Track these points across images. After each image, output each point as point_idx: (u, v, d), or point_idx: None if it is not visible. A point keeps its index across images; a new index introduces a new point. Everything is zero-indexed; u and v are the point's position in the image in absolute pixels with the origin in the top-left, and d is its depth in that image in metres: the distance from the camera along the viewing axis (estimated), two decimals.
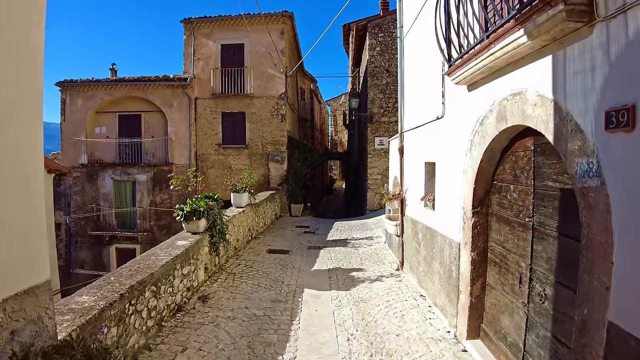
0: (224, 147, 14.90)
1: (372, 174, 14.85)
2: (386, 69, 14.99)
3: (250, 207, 9.35)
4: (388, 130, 14.82)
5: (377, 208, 14.72)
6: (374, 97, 14.93)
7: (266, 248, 8.50)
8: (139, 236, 15.13)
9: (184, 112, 15.16)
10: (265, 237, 9.78)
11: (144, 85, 15.30)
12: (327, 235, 10.47)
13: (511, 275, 3.26)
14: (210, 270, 6.25)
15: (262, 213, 10.60)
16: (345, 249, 8.50)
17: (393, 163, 7.79)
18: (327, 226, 12.21)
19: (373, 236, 9.80)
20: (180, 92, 15.13)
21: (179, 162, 15.13)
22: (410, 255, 6.02)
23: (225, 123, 14.95)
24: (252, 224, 9.50)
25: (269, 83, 14.62)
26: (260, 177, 14.56)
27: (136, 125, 15.84)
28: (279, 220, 13.18)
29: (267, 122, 14.58)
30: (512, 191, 3.26)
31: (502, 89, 3.08)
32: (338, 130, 37.31)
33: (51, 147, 22.52)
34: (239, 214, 8.24)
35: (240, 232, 8.36)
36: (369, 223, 12.35)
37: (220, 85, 14.95)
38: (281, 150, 14.49)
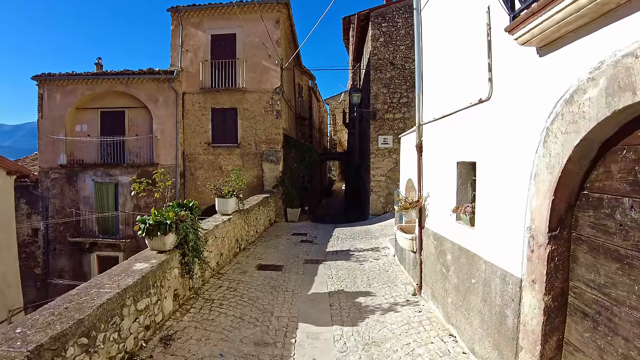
0: (213, 146, 13.66)
1: (375, 176, 13.64)
2: (390, 62, 13.78)
3: (239, 214, 8.11)
4: (393, 127, 13.61)
5: (381, 212, 13.51)
6: (378, 92, 13.72)
7: (256, 263, 7.26)
8: (122, 243, 13.88)
9: (170, 108, 13.91)
10: (256, 248, 8.53)
11: (127, 80, 14.05)
12: (327, 244, 9.24)
13: (623, 341, 2.03)
14: (181, 297, 5.01)
15: (253, 220, 9.36)
16: (348, 263, 7.26)
17: (406, 163, 6.56)
18: (326, 233, 10.98)
19: (379, 247, 8.57)
20: (167, 86, 13.89)
21: (164, 163, 13.88)
22: (433, 279, 4.79)
23: (216, 120, 13.71)
24: (241, 234, 8.26)
25: (263, 76, 13.39)
26: (254, 179, 13.32)
27: (119, 123, 14.59)
28: (274, 226, 11.94)
29: (260, 119, 13.34)
30: (626, 208, 2.03)
31: (621, 39, 1.85)
32: (337, 129, 36.10)
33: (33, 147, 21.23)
34: (224, 223, 7.00)
35: (225, 245, 7.12)
36: (372, 230, 11.12)
37: (210, 79, 13.71)
38: (276, 149, 13.26)
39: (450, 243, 4.14)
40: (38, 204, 15.07)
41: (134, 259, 4.57)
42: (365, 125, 15.36)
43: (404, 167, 6.74)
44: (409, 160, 6.10)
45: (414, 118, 14.22)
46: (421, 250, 5.24)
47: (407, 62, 13.74)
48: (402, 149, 7.00)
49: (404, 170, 6.65)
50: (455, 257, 4.00)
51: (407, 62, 13.74)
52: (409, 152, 6.20)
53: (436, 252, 4.64)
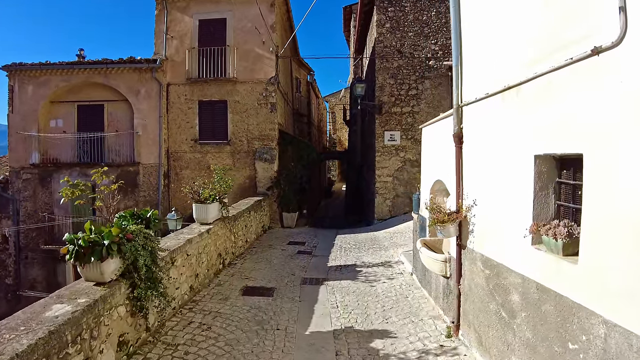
0: (201, 142, 12.25)
1: (380, 176, 12.26)
2: (398, 50, 12.41)
3: (222, 223, 6.72)
4: (400, 122, 12.24)
5: (387, 216, 12.14)
6: (384, 83, 12.34)
7: (241, 284, 5.87)
8: None
9: (153, 101, 12.50)
10: (244, 263, 7.14)
11: (106, 70, 12.64)
12: (328, 257, 7.85)
13: None
14: (132, 343, 3.63)
15: (241, 229, 7.97)
16: (355, 284, 5.87)
17: (432, 160, 5.17)
18: (327, 241, 9.59)
19: (391, 261, 7.19)
20: (149, 76, 12.48)
21: (146, 162, 12.48)
22: (481, 320, 3.41)
23: (203, 114, 12.31)
24: (225, 246, 6.87)
25: (256, 65, 12.00)
26: (245, 180, 11.93)
27: (98, 118, 13.18)
28: (268, 234, 10.54)
29: (253, 113, 11.94)
30: None
31: None
32: (337, 128, 34.72)
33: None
34: (200, 235, 5.60)
35: (203, 263, 5.73)
36: (379, 238, 9.74)
37: (198, 69, 12.31)
38: (271, 146, 11.85)
39: (520, 277, 2.75)
40: (8, 207, 13.65)
41: (55, 297, 3.18)
42: (369, 121, 13.98)
43: (428, 165, 5.35)
44: (438, 156, 4.72)
45: (424, 112, 12.94)
46: (460, 278, 3.86)
47: (416, 50, 12.38)
48: (425, 143, 5.61)
49: (429, 170, 5.26)
50: (531, 301, 2.61)
51: (416, 50, 12.38)
52: (436, 145, 4.82)
53: (488, 285, 3.25)
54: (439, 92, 12.24)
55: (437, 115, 12.26)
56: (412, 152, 12.14)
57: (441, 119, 4.62)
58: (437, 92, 12.24)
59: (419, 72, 12.31)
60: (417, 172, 12.21)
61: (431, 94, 12.24)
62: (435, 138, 4.85)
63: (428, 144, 5.32)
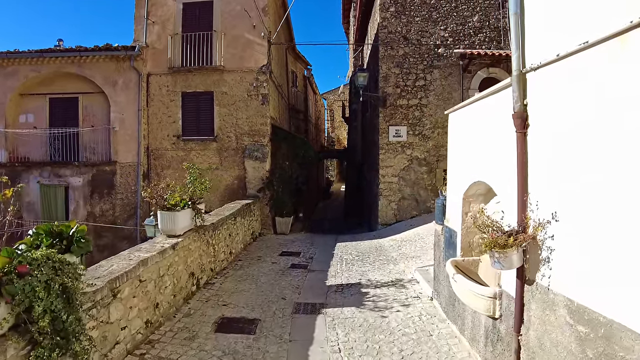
0: (184, 139, 10.98)
1: (385, 176, 11.02)
2: (403, 36, 11.19)
3: (196, 234, 5.46)
4: (407, 117, 11.01)
5: (393, 221, 10.91)
6: (388, 73, 11.11)
7: (217, 314, 4.62)
8: None
9: (131, 93, 11.23)
10: (225, 282, 5.88)
11: (80, 58, 11.36)
12: (328, 272, 6.61)
13: None
14: None
15: (223, 239, 6.71)
16: (362, 313, 4.63)
17: (465, 154, 3.92)
18: (325, 251, 8.36)
19: (403, 279, 5.94)
20: (127, 66, 11.20)
21: (124, 160, 11.21)
22: None
23: (187, 107, 11.04)
24: (201, 263, 5.61)
25: (245, 52, 10.74)
26: (234, 181, 10.67)
27: (72, 112, 11.90)
28: (258, 242, 9.29)
29: (242, 106, 10.68)
30: None
31: None
32: (335, 126, 33.51)
33: None
34: (161, 253, 4.34)
35: (166, 288, 4.48)
36: (385, 247, 8.51)
37: (181, 56, 11.05)
38: (262, 143, 10.59)
39: None
40: None
41: None
42: (372, 115, 12.75)
43: (459, 162, 4.08)
44: (477, 150, 3.47)
45: (432, 105, 11.65)
46: (521, 325, 2.62)
47: (423, 36, 11.16)
48: (453, 133, 4.34)
49: (461, 168, 4.00)
50: None
51: (423, 36, 11.16)
52: (474, 135, 3.58)
53: (584, 350, 2.01)
54: (449, 83, 11.03)
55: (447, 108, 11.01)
56: (420, 149, 10.92)
57: (480, 99, 3.38)
58: (447, 83, 11.03)
59: (427, 60, 11.10)
60: (425, 172, 11.02)
61: (440, 85, 11.02)
62: (472, 125, 3.61)
63: (459, 134, 4.07)
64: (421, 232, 8.89)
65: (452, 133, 4.27)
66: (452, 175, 4.21)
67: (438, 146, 10.91)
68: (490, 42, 11.26)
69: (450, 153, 4.34)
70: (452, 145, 4.29)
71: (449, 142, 4.44)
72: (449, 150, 4.37)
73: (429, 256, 6.87)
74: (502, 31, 11.31)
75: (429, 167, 10.92)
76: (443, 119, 11.01)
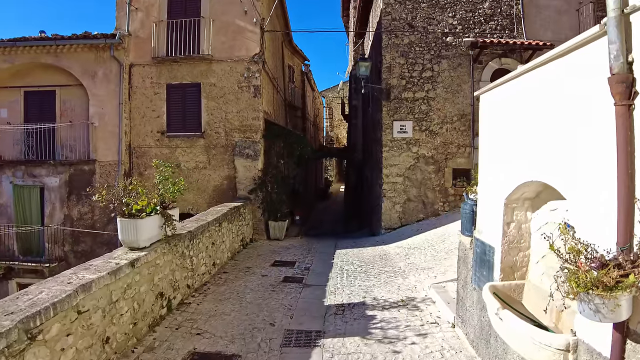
0: (169, 135, 10.03)
1: (389, 176, 10.09)
2: (408, 23, 10.27)
3: (167, 246, 4.51)
4: (412, 111, 10.09)
5: (397, 225, 9.99)
6: (392, 63, 10.18)
7: (187, 348, 3.68)
8: (46, 268, 10.18)
9: (112, 85, 10.28)
10: (204, 302, 4.94)
11: (56, 47, 10.41)
12: (326, 287, 5.67)
13: None
14: None
15: (204, 249, 5.75)
16: (368, 347, 3.69)
17: (509, 146, 2.95)
18: (323, 260, 7.43)
19: (416, 298, 5.01)
20: (107, 56, 10.26)
21: (104, 159, 10.26)
22: None
23: (172, 100, 10.10)
24: (173, 279, 4.67)
25: (236, 40, 9.80)
26: (223, 181, 9.73)
27: (49, 106, 10.95)
28: (249, 248, 8.35)
29: (232, 98, 9.73)
30: None
31: None
32: (334, 125, 32.58)
33: None
34: (113, 274, 3.39)
35: (122, 317, 3.53)
36: (391, 255, 7.59)
37: (166, 45, 10.10)
38: (254, 139, 9.64)
39: None
40: None
41: None
42: (374, 110, 11.84)
43: (498, 155, 3.11)
44: (532, 138, 2.52)
45: (440, 98, 10.58)
46: None
47: (430, 24, 10.24)
48: (489, 119, 3.35)
49: (501, 163, 3.03)
50: None
51: (430, 24, 10.24)
52: (524, 119, 2.63)
53: None
54: (458, 75, 10.11)
55: (456, 102, 10.05)
56: (427, 146, 10.00)
57: (537, 67, 2.44)
58: (456, 75, 10.11)
59: (435, 50, 10.18)
60: (433, 171, 10.07)
61: (449, 76, 10.10)
62: (521, 106, 2.67)
63: (498, 120, 3.11)
64: (431, 238, 7.96)
65: (487, 120, 3.32)
66: (487, 173, 3.27)
67: (447, 143, 9.99)
68: (502, 31, 10.35)
69: (483, 145, 3.39)
70: (486, 135, 3.34)
71: (481, 131, 3.49)
72: (482, 142, 3.42)
73: (443, 267, 5.94)
74: (515, 18, 10.39)
75: (437, 166, 9.99)
76: (452, 113, 10.10)
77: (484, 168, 3.33)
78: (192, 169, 9.78)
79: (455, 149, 10.01)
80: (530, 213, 2.98)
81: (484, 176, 3.32)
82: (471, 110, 10.00)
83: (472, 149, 9.93)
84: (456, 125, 10.05)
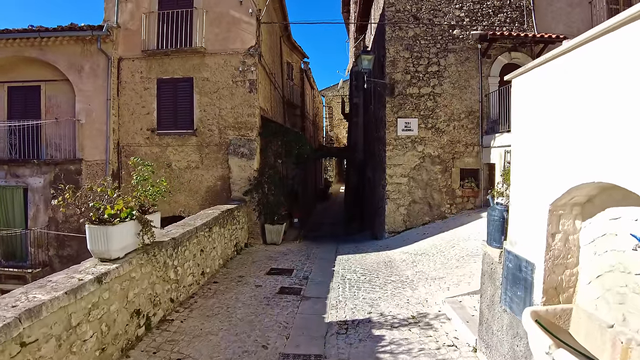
0: (160, 133, 9.46)
1: (393, 176, 9.53)
2: (413, 15, 9.73)
3: (145, 256, 3.94)
4: (418, 107, 9.54)
5: (402, 228, 9.43)
6: (396, 57, 9.63)
7: None
8: (29, 274, 9.59)
9: (100, 80, 9.71)
10: (188, 319, 4.37)
11: (40, 40, 9.82)
12: (327, 300, 5.11)
13: None
14: None
15: (190, 257, 5.18)
16: None
17: (558, 140, 2.38)
18: (323, 268, 6.86)
19: (428, 314, 4.44)
20: (94, 49, 9.69)
21: (91, 158, 9.69)
22: None
23: (163, 96, 9.52)
24: (152, 294, 4.10)
25: (230, 32, 9.23)
26: (217, 182, 9.15)
27: (34, 102, 10.37)
28: (243, 254, 7.77)
29: (227, 94, 9.17)
30: None
31: None
32: (334, 124, 32.04)
33: None
34: (71, 293, 2.82)
35: (86, 342, 2.95)
36: (397, 261, 7.02)
37: (157, 38, 9.53)
38: (249, 137, 9.07)
39: None
40: None
41: None
42: (377, 107, 11.28)
43: (541, 151, 2.51)
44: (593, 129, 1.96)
45: (447, 94, 9.78)
46: None
47: (436, 16, 9.70)
48: (525, 107, 2.73)
49: (546, 161, 2.46)
50: None
51: (436, 16, 9.70)
52: (582, 104, 2.06)
53: None
54: (466, 70, 9.56)
55: (464, 98, 9.47)
56: (434, 145, 9.44)
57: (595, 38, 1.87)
58: (463, 70, 9.56)
59: (441, 43, 9.63)
60: (439, 172, 9.50)
61: (456, 71, 9.55)
62: (578, 90, 2.10)
63: (542, 106, 2.53)
64: (439, 243, 7.40)
65: (523, 108, 2.74)
66: (523, 173, 2.70)
67: (454, 141, 9.44)
68: (511, 24, 9.81)
69: (517, 140, 2.82)
70: (522, 127, 2.77)
71: (514, 123, 2.91)
72: (516, 136, 2.85)
73: (455, 277, 5.38)
74: (526, 11, 9.84)
75: (444, 165, 9.44)
76: (459, 110, 9.55)
77: (518, 167, 2.76)
78: (184, 168, 9.21)
79: (462, 148, 9.45)
80: (580, 222, 2.42)
81: (519, 177, 2.75)
82: (479, 107, 9.47)
83: (481, 147, 9.38)
84: (464, 123, 9.49)
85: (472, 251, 6.30)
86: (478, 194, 9.37)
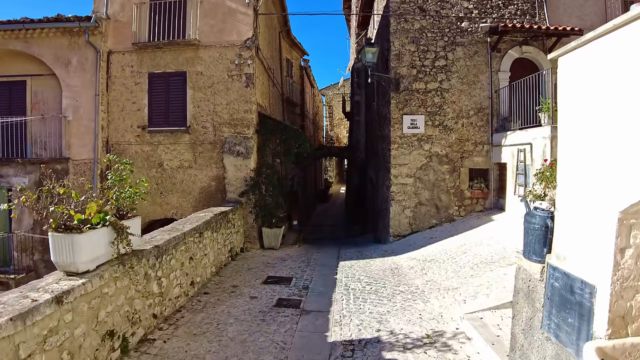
0: (151, 131, 8.93)
1: (398, 177, 9.02)
2: (419, 6, 9.22)
3: (120, 269, 3.42)
4: (425, 103, 9.02)
5: (407, 232, 8.91)
6: (402, 50, 9.12)
7: None
8: (12, 280, 9.05)
9: (88, 75, 9.19)
10: (172, 338, 3.84)
11: (25, 32, 9.30)
12: (329, 314, 4.59)
13: None
14: None
15: (178, 266, 4.66)
16: None
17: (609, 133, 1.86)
18: (325, 275, 6.34)
19: (444, 332, 3.93)
20: (82, 41, 9.16)
21: (78, 157, 9.16)
22: None
23: (155, 91, 9.00)
24: (131, 311, 3.57)
25: (226, 23, 8.71)
26: (211, 182, 8.63)
27: (19, 98, 9.84)
28: (239, 260, 7.25)
29: (222, 89, 8.64)
30: None
31: None
32: (335, 124, 31.51)
33: None
34: (18, 320, 2.29)
35: None
36: (404, 268, 6.50)
37: (149, 29, 9.01)
38: (246, 134, 8.54)
39: None
40: None
41: None
42: (381, 103, 10.76)
43: (602, 147, 2.01)
44: None
45: (455, 90, 9.07)
46: None
47: (443, 7, 9.20)
48: (578, 92, 2.21)
49: (609, 159, 1.95)
50: None
51: (443, 7, 9.20)
52: None
53: None
54: (474, 64, 9.05)
55: (472, 94, 8.89)
56: (441, 143, 8.93)
57: None
58: (472, 64, 9.05)
59: (449, 36, 9.12)
60: (447, 172, 8.97)
61: (465, 65, 9.04)
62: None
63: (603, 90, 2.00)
64: (449, 249, 6.88)
65: (575, 93, 2.22)
66: (577, 173, 2.18)
67: (462, 140, 8.93)
68: (522, 16, 9.30)
69: (567, 132, 2.29)
70: (573, 117, 2.25)
71: (562, 112, 2.38)
72: (565, 128, 2.32)
73: (471, 288, 4.86)
74: (537, 3, 9.34)
75: (452, 165, 8.92)
76: (468, 107, 9.03)
77: (570, 166, 2.24)
78: (176, 168, 8.69)
79: (471, 147, 8.94)
80: None
81: (571, 176, 2.23)
82: (489, 103, 8.96)
83: (491, 146, 8.87)
84: (473, 120, 8.98)
85: (486, 258, 5.79)
86: (488, 195, 8.86)
